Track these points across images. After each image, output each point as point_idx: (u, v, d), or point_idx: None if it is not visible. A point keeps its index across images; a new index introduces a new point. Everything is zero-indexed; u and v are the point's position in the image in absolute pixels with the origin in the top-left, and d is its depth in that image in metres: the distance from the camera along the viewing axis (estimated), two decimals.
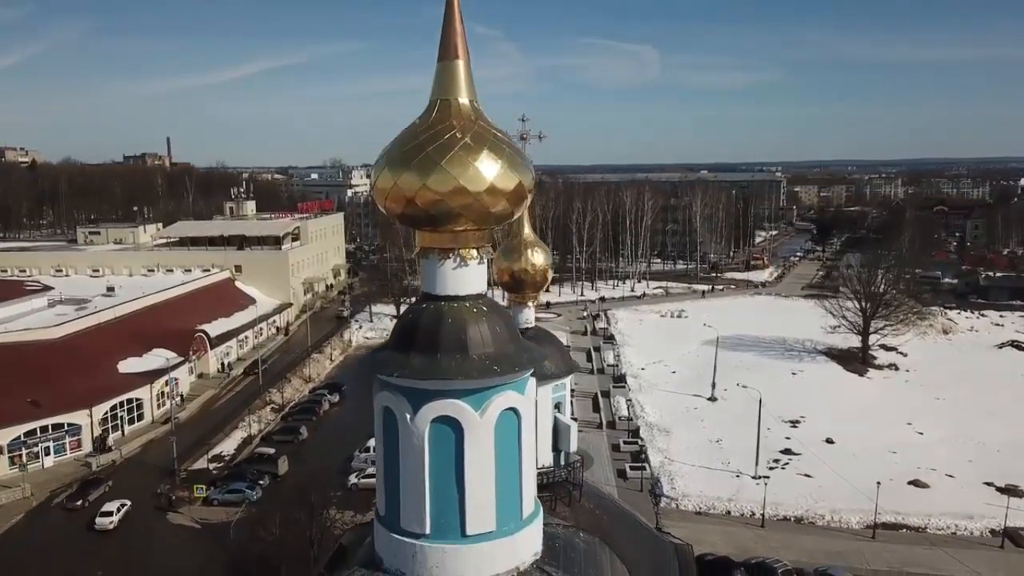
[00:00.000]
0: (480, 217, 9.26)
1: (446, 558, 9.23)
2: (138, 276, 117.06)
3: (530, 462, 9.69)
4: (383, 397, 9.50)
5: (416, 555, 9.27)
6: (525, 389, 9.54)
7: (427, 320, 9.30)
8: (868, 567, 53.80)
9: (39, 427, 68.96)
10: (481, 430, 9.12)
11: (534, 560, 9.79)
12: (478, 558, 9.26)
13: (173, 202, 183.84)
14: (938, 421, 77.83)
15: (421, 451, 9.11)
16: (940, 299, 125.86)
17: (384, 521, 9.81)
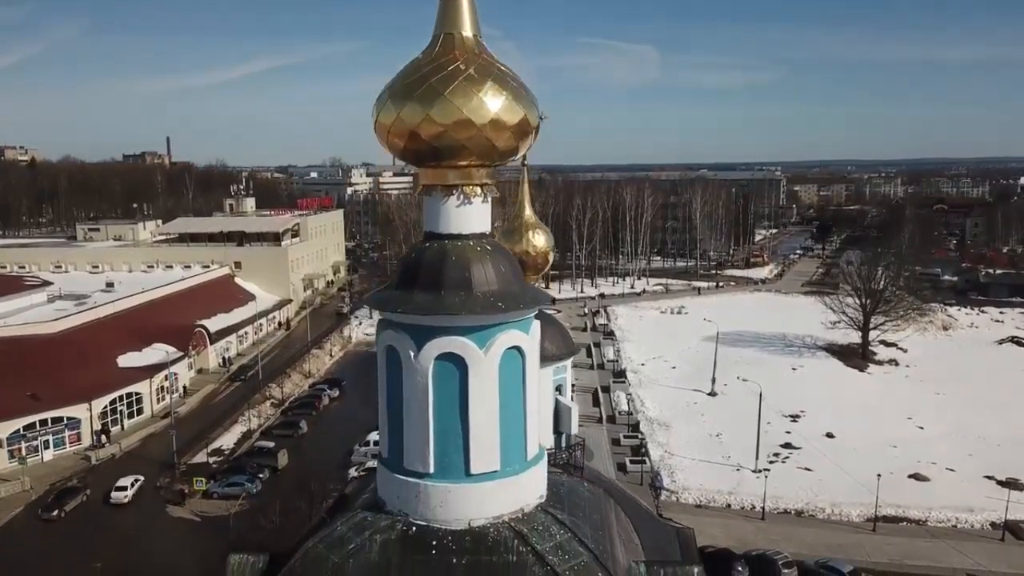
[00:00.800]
0: (484, 151, 9.15)
1: (450, 497, 9.12)
2: (137, 272, 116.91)
3: (534, 404, 9.59)
4: (386, 336, 9.40)
5: (420, 495, 9.17)
6: (530, 329, 9.44)
7: (430, 258, 9.21)
8: (869, 559, 53.75)
9: (38, 420, 68.86)
10: (485, 368, 9.02)
11: (539, 503, 9.69)
12: (482, 497, 9.16)
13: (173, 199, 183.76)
14: (938, 416, 77.77)
15: (425, 389, 9.01)
16: (940, 296, 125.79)
17: (387, 463, 9.72)
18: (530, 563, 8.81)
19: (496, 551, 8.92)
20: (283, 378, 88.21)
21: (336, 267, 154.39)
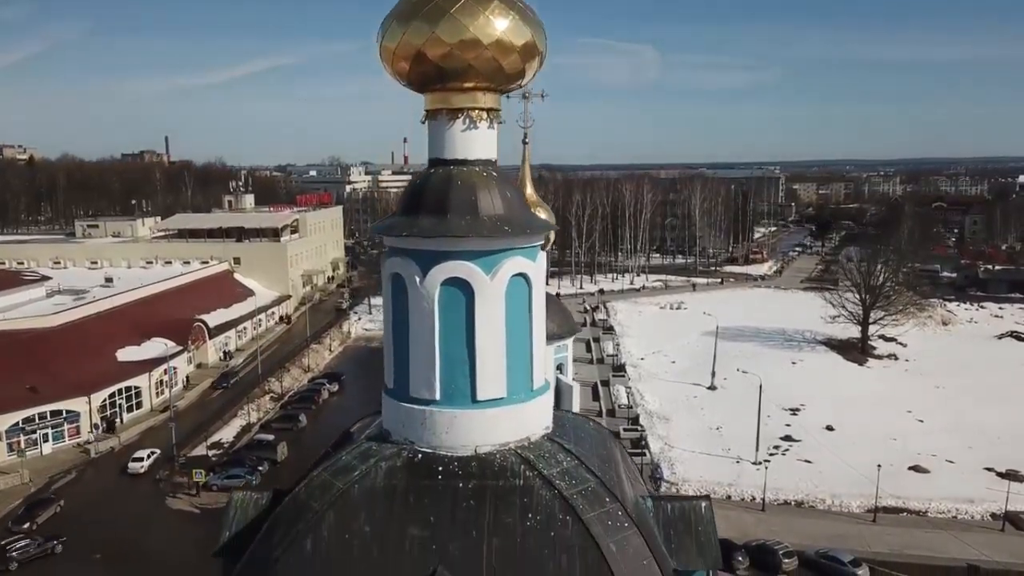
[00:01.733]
0: (490, 73, 9.07)
1: (456, 423, 9.06)
2: (136, 268, 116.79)
3: (540, 334, 9.54)
4: (392, 263, 9.34)
5: (425, 421, 9.11)
6: (536, 258, 9.38)
7: (435, 183, 9.13)
8: (869, 549, 53.70)
9: (37, 414, 68.74)
10: (492, 293, 8.96)
11: (545, 432, 9.64)
12: (488, 424, 9.11)
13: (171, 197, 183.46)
14: (938, 409, 77.72)
15: (431, 315, 8.95)
16: (939, 292, 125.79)
17: (392, 393, 9.66)
18: (537, 487, 8.77)
19: (503, 475, 8.87)
20: (282, 372, 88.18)
21: (335, 263, 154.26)
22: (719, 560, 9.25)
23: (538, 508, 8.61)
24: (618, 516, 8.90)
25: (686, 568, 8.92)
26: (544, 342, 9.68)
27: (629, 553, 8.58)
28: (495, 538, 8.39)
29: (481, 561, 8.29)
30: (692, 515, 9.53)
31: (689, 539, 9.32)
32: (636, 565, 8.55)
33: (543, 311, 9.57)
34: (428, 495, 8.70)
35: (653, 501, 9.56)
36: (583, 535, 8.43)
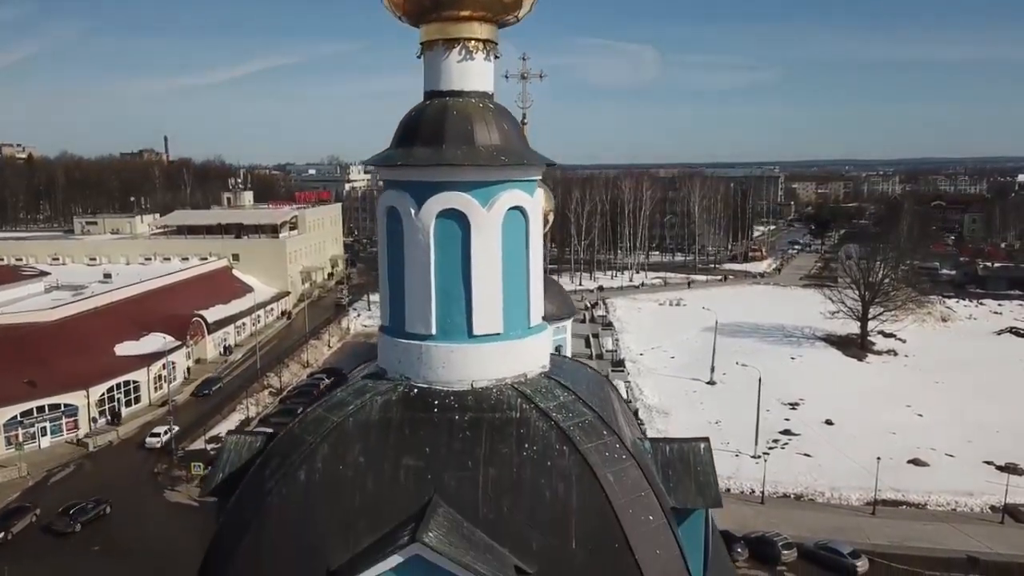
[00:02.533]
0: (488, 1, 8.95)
1: (452, 357, 8.98)
2: (135, 264, 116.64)
3: (537, 272, 9.46)
4: (387, 197, 9.25)
5: (421, 356, 9.02)
6: (533, 192, 9.30)
7: (431, 114, 9.05)
8: (869, 541, 53.67)
9: (35, 407, 68.62)
10: (488, 226, 8.87)
11: (541, 370, 9.55)
12: (485, 358, 9.02)
13: (170, 194, 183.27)
14: (938, 403, 77.71)
15: (427, 247, 8.86)
16: (938, 289, 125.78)
17: (388, 330, 9.58)
18: (533, 419, 8.69)
19: (499, 408, 8.80)
20: (281, 368, 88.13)
21: (334, 261, 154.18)
22: (719, 499, 9.17)
23: (535, 439, 8.54)
24: (615, 448, 8.84)
25: (684, 506, 8.84)
26: (541, 281, 9.59)
27: (627, 484, 8.51)
28: (491, 468, 8.33)
29: (477, 490, 8.22)
30: (691, 456, 9.47)
31: (688, 479, 9.26)
32: (634, 496, 8.47)
33: (540, 249, 9.50)
34: (424, 427, 8.63)
35: (651, 443, 9.50)
36: (580, 464, 8.36)
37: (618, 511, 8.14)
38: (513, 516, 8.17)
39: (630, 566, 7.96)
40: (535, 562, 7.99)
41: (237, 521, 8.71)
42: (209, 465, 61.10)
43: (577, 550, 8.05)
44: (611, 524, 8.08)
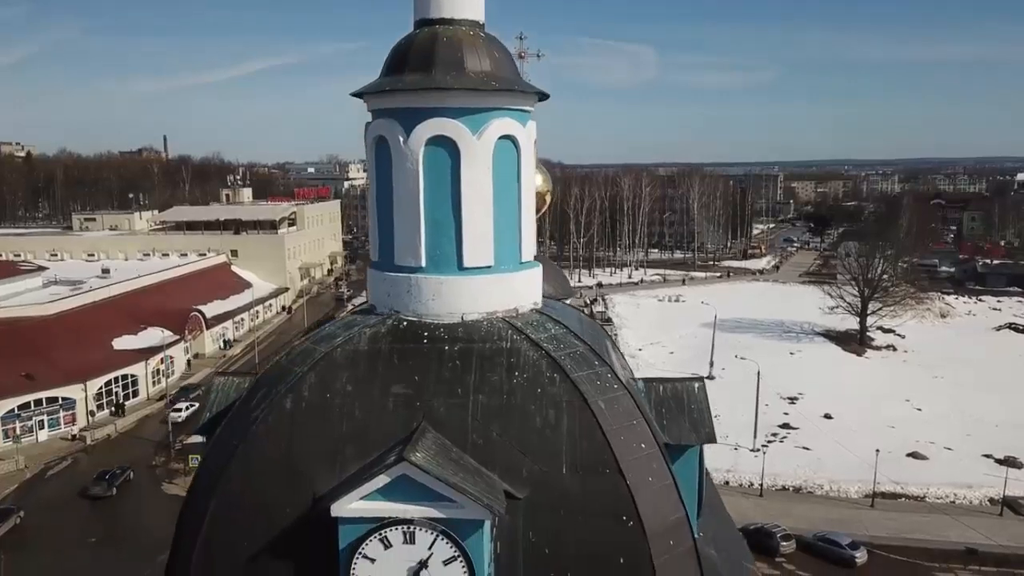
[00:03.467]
0: None
1: (442, 289, 8.85)
2: (134, 260, 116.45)
3: (529, 207, 9.33)
4: (375, 127, 9.11)
5: (411, 289, 8.89)
6: (526, 123, 9.16)
7: (420, 41, 8.90)
8: (868, 533, 53.62)
9: (33, 400, 68.48)
10: (478, 154, 8.74)
11: (533, 307, 9.42)
12: (475, 291, 8.89)
13: (169, 191, 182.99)
14: (937, 398, 77.64)
15: (415, 176, 8.73)
16: (937, 286, 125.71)
17: (377, 265, 9.46)
18: (524, 348, 8.57)
19: (489, 339, 8.68)
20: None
21: (333, 257, 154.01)
22: (713, 435, 9.05)
23: (525, 367, 8.43)
24: (607, 378, 8.72)
25: (678, 442, 8.72)
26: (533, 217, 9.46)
27: (618, 411, 8.39)
28: (480, 395, 8.21)
29: (466, 417, 8.10)
30: (685, 395, 9.36)
31: (682, 417, 9.14)
32: (626, 423, 8.35)
33: (532, 184, 9.36)
34: (413, 357, 8.51)
35: (644, 382, 9.37)
36: (571, 391, 8.24)
37: (609, 437, 8.03)
38: (503, 442, 8.06)
39: (622, 491, 7.85)
40: (525, 487, 7.88)
41: (222, 449, 8.61)
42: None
43: (567, 475, 7.94)
44: (602, 449, 7.97)
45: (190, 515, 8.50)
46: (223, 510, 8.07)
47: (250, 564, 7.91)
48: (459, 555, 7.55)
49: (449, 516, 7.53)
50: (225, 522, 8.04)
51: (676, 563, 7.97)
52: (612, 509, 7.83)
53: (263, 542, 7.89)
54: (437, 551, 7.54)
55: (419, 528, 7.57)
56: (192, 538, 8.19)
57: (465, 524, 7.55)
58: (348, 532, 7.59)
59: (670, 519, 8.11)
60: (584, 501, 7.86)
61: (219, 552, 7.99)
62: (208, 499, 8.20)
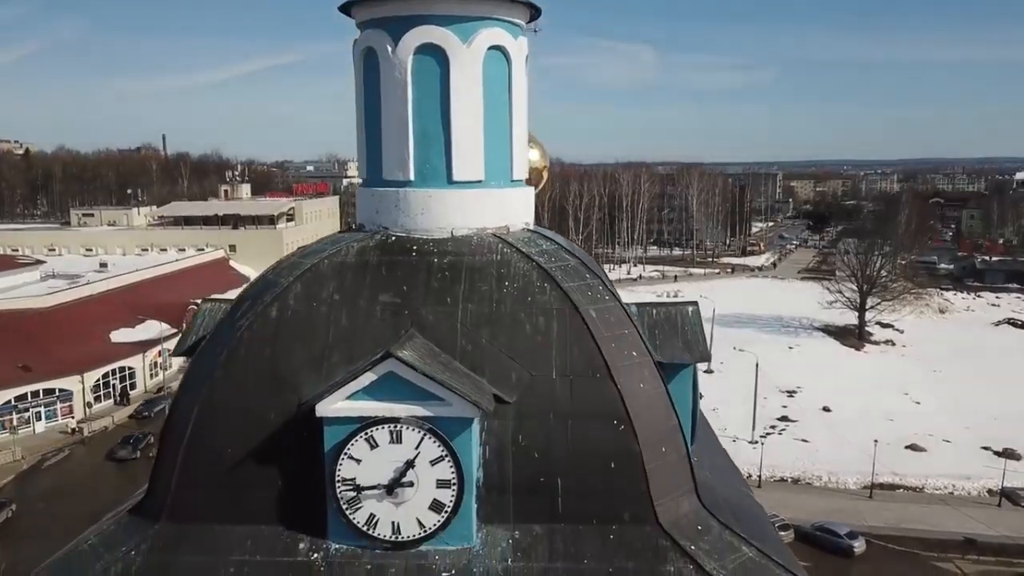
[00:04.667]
0: None
1: (431, 203, 8.71)
2: (132, 255, 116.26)
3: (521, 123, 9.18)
4: (363, 38, 8.94)
5: (399, 203, 8.75)
6: (517, 36, 9.01)
7: None
8: (866, 523, 53.58)
9: (30, 392, 68.35)
10: (468, 63, 8.58)
11: (525, 226, 9.29)
12: (465, 205, 8.75)
13: (167, 187, 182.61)
14: (935, 391, 77.58)
15: (404, 86, 8.58)
16: (936, 282, 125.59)
17: (365, 183, 9.32)
18: (515, 260, 8.43)
19: (479, 252, 8.54)
20: None
21: None
22: (707, 354, 8.92)
23: (516, 278, 8.30)
24: (599, 290, 8.58)
25: (671, 360, 8.59)
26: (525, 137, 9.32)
27: (610, 320, 8.26)
28: (470, 304, 8.09)
29: (455, 324, 7.98)
30: (679, 317, 9.22)
31: (675, 337, 9.00)
32: (617, 332, 8.21)
33: (524, 102, 9.22)
34: (401, 268, 8.39)
35: (637, 306, 9.23)
36: (562, 299, 8.11)
37: (600, 343, 7.89)
38: (492, 348, 7.92)
39: (613, 396, 7.71)
40: (514, 392, 7.74)
41: (207, 358, 8.48)
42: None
43: (557, 380, 7.80)
44: (593, 355, 7.83)
45: (174, 423, 8.38)
46: (207, 416, 7.94)
47: (235, 469, 7.79)
48: (447, 454, 7.43)
49: (436, 414, 7.41)
50: (209, 428, 7.91)
51: (669, 470, 7.84)
52: (603, 413, 7.69)
53: (248, 446, 7.76)
54: (424, 450, 7.41)
55: (406, 427, 7.43)
56: (176, 445, 8.08)
57: (453, 423, 7.42)
58: (333, 432, 7.47)
59: (662, 426, 7.98)
60: (574, 405, 7.73)
61: (203, 458, 7.87)
62: (192, 406, 8.07)
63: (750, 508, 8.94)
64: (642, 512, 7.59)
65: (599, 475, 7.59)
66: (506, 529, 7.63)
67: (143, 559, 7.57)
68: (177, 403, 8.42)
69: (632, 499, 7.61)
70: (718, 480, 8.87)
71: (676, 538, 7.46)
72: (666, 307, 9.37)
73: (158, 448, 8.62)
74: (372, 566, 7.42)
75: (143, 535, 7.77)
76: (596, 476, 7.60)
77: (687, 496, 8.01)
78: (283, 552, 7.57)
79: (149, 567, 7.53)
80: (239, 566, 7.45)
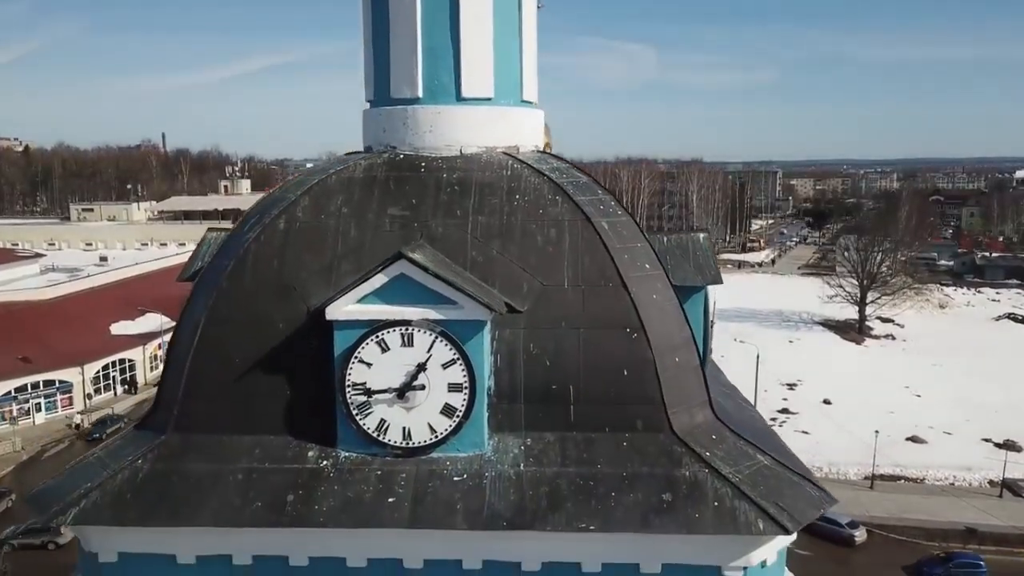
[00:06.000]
0: None
1: (440, 120, 8.59)
2: (132, 250, 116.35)
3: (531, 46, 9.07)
4: None
5: (407, 121, 8.64)
6: None
7: None
8: (867, 513, 53.49)
9: (30, 383, 68.33)
10: None
11: (535, 148, 9.19)
12: (474, 123, 8.63)
13: (167, 183, 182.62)
14: (936, 385, 77.42)
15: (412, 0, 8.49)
16: (936, 278, 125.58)
17: (373, 103, 9.21)
18: (525, 175, 8.33)
19: (489, 168, 8.44)
20: None
21: None
22: (719, 277, 8.83)
23: (527, 191, 8.21)
24: (611, 204, 8.50)
25: (682, 283, 8.49)
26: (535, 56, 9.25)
27: (622, 233, 8.17)
28: (480, 216, 8.01)
29: (465, 236, 7.90)
30: (689, 244, 9.14)
31: (686, 263, 8.92)
32: (631, 244, 8.13)
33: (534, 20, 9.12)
34: (410, 183, 8.30)
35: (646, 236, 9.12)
36: (574, 211, 8.02)
37: (613, 253, 7.78)
38: (503, 259, 7.80)
39: (626, 304, 7.60)
40: (526, 301, 7.63)
41: (213, 272, 8.37)
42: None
43: (569, 289, 7.69)
44: (606, 265, 7.72)
45: (180, 334, 8.29)
46: (213, 326, 7.83)
47: (242, 378, 7.68)
48: (458, 358, 7.33)
49: (448, 317, 7.32)
50: (215, 338, 7.80)
51: (683, 380, 7.73)
52: (616, 321, 7.58)
53: (255, 355, 7.65)
54: (436, 353, 7.31)
55: (417, 330, 7.32)
56: (182, 357, 7.98)
57: (465, 325, 7.34)
58: (344, 337, 7.37)
59: (676, 337, 7.87)
60: (587, 314, 7.62)
61: (209, 368, 7.77)
62: (198, 317, 7.97)
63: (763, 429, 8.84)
64: (656, 420, 7.49)
65: (612, 383, 7.49)
66: (518, 437, 7.55)
67: (149, 467, 7.47)
68: (183, 316, 8.33)
69: (646, 407, 7.51)
70: (729, 403, 8.76)
71: (691, 445, 7.37)
72: (676, 235, 9.30)
73: (164, 362, 8.52)
74: (382, 472, 7.33)
75: (150, 446, 7.68)
76: (609, 384, 7.49)
77: (701, 408, 7.91)
78: (292, 460, 7.47)
79: (155, 474, 7.43)
80: (247, 473, 7.35)
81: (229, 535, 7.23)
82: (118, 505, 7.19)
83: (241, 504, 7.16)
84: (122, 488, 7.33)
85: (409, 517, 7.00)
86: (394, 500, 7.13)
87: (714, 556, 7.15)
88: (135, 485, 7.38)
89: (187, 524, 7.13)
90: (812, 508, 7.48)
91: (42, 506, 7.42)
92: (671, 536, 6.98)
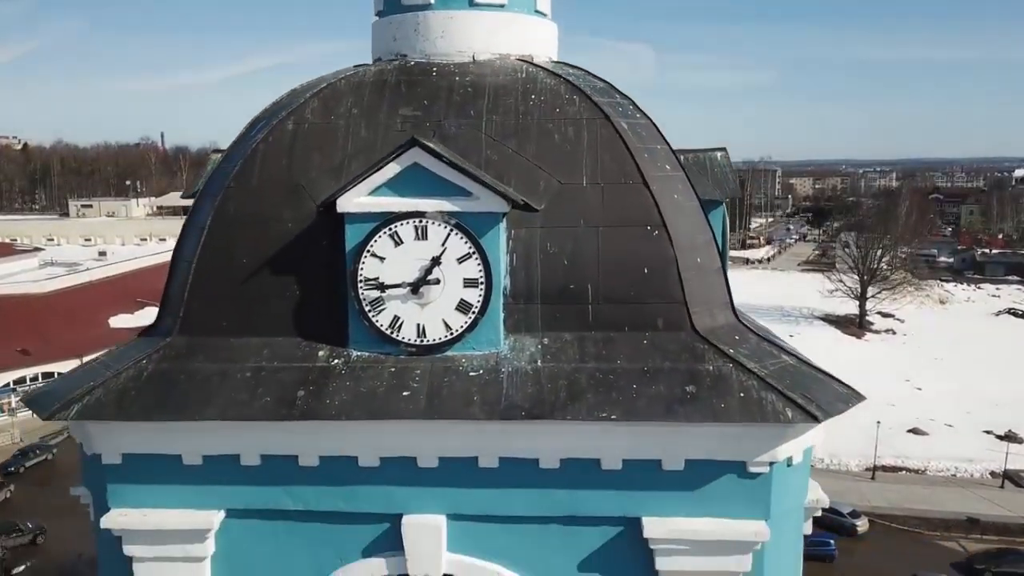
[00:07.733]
0: None
1: (452, 25, 8.36)
2: (131, 245, 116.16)
3: None
4: None
5: (418, 27, 8.42)
6: None
7: None
8: (869, 504, 53.55)
9: (29, 376, 68.32)
10: None
11: (549, 59, 8.96)
12: (487, 29, 8.40)
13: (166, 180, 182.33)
14: (937, 378, 77.62)
15: None
16: (936, 275, 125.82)
17: (382, 13, 8.94)
18: (541, 76, 8.11)
19: (503, 72, 8.23)
20: None
21: None
22: (738, 190, 8.65)
23: (542, 92, 7.99)
24: (630, 107, 8.27)
25: (702, 197, 8.28)
26: None
27: (643, 135, 7.96)
28: (495, 116, 7.80)
29: (480, 135, 7.68)
30: (707, 161, 8.96)
31: (705, 178, 8.75)
32: (651, 145, 7.92)
33: None
34: (421, 86, 8.09)
35: None
36: (592, 109, 7.81)
37: (634, 152, 7.56)
38: (518, 157, 7.58)
39: (647, 202, 7.37)
40: (543, 199, 7.42)
41: (220, 173, 8.18)
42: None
43: (588, 187, 7.47)
44: (626, 162, 7.50)
45: (185, 237, 8.11)
46: (219, 227, 7.62)
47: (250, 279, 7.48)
48: (474, 251, 7.10)
49: (463, 209, 7.10)
50: (222, 239, 7.59)
51: (705, 279, 7.52)
52: (636, 219, 7.36)
53: (264, 255, 7.44)
54: (451, 246, 7.09)
55: (432, 222, 7.10)
56: (188, 259, 7.82)
57: (480, 218, 7.11)
58: (355, 230, 7.14)
59: (698, 238, 7.66)
60: (606, 212, 7.40)
61: (216, 270, 7.58)
62: (203, 219, 7.77)
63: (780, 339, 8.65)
64: (677, 319, 7.26)
65: (632, 282, 7.27)
66: (535, 337, 7.34)
67: (154, 367, 7.27)
68: (190, 216, 8.14)
69: (667, 306, 7.28)
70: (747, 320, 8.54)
71: (714, 342, 7.17)
72: (694, 152, 9.10)
73: (169, 267, 8.35)
74: (396, 369, 7.12)
75: (155, 347, 7.49)
76: (629, 283, 7.28)
77: (723, 309, 7.71)
78: (302, 359, 7.27)
79: (160, 373, 7.22)
80: (255, 372, 7.13)
81: (236, 433, 7.02)
82: (122, 402, 6.99)
83: (249, 399, 6.95)
84: (126, 386, 7.12)
85: (425, 409, 6.80)
86: (409, 394, 6.92)
87: (739, 450, 6.92)
88: (139, 383, 7.16)
89: (193, 418, 6.92)
90: (840, 402, 7.28)
91: (43, 405, 7.23)
92: (694, 429, 6.77)
